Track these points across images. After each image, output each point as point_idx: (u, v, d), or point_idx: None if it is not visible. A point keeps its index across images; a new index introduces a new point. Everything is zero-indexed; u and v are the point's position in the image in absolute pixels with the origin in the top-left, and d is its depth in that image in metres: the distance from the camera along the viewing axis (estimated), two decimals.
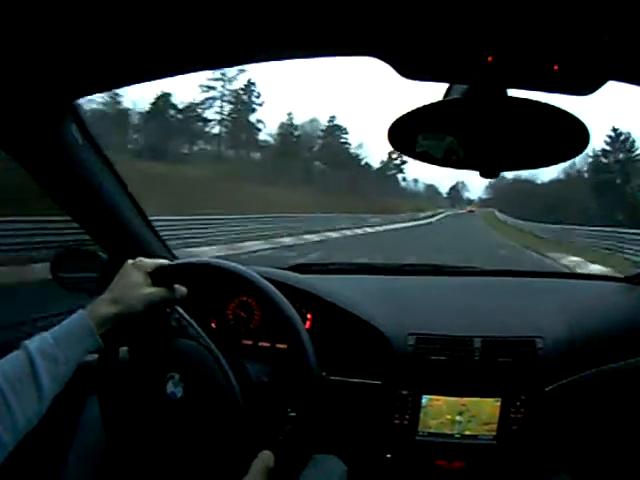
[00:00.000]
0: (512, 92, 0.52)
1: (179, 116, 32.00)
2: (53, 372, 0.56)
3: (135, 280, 0.66)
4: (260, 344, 0.97)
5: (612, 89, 0.56)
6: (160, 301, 0.67)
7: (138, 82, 0.69)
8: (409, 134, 0.57)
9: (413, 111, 0.53)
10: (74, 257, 1.02)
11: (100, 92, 0.70)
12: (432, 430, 0.92)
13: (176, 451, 0.66)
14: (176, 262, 0.78)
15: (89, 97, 0.72)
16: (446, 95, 0.57)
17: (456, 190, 74.85)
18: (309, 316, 0.99)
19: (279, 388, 0.72)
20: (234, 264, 0.74)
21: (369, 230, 18.56)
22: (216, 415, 0.65)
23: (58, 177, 0.80)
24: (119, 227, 0.95)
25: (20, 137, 0.72)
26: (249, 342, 0.98)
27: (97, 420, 0.70)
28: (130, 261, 0.69)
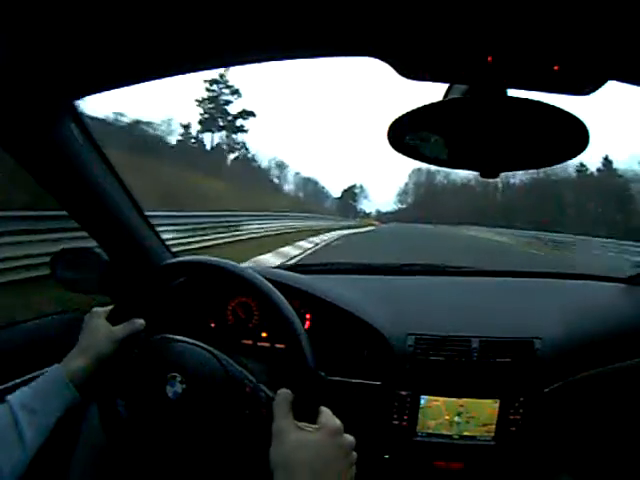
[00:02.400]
0: (512, 92, 0.52)
1: None
2: (34, 424, 0.60)
3: (96, 326, 0.72)
4: (259, 344, 0.97)
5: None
6: (124, 335, 0.72)
7: (138, 82, 0.68)
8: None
9: (413, 111, 0.53)
10: (75, 256, 1.01)
11: (100, 92, 0.70)
12: (431, 431, 0.92)
13: (180, 454, 0.65)
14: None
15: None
16: (446, 95, 0.57)
17: (351, 194, 54.12)
18: (308, 316, 0.99)
19: (279, 388, 0.72)
20: (234, 264, 0.74)
21: None
22: (219, 413, 0.64)
23: (57, 176, 0.80)
24: (119, 226, 0.95)
25: (19, 136, 0.72)
26: (249, 342, 0.98)
27: (99, 428, 0.70)
28: (87, 315, 0.75)
